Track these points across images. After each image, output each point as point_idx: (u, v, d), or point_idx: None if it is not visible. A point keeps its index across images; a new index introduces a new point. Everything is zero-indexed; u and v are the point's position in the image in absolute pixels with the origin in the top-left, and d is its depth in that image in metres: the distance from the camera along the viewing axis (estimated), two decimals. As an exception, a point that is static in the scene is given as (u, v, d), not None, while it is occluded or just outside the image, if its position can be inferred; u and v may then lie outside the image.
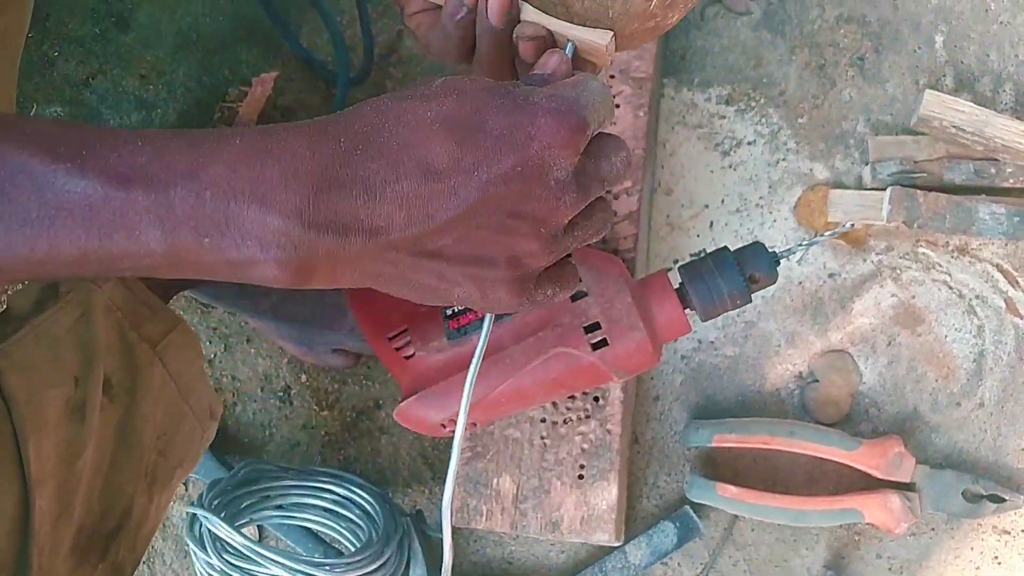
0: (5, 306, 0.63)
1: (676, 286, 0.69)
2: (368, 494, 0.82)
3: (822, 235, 0.73)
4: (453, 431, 0.73)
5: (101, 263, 0.42)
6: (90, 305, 0.65)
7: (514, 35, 0.52)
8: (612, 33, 0.53)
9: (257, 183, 0.41)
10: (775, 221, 0.88)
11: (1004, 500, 0.82)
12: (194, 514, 0.74)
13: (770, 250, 0.68)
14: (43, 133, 0.42)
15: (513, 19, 0.52)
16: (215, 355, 0.92)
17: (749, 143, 0.89)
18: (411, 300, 0.49)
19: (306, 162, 0.42)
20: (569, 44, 0.53)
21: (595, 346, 0.68)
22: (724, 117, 0.90)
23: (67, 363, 0.61)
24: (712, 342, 0.88)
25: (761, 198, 0.89)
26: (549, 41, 0.53)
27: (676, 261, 0.89)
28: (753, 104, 0.90)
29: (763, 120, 0.89)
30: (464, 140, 0.43)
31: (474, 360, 0.60)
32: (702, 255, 0.87)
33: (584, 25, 0.53)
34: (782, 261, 0.68)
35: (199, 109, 0.91)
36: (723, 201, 0.89)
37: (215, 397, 0.76)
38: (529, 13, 0.53)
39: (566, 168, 0.45)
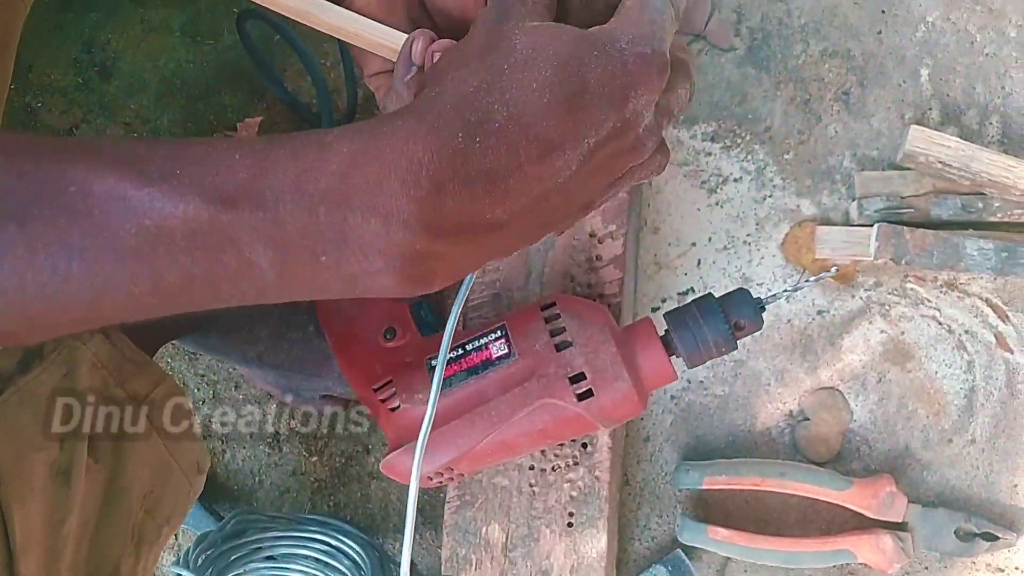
0: None
1: (662, 333, 0.69)
2: (357, 543, 0.81)
3: (807, 280, 0.72)
4: (441, 482, 0.73)
5: (208, 292, 0.39)
6: (75, 363, 0.65)
7: None
8: None
9: (373, 192, 0.38)
10: (763, 258, 0.88)
11: (997, 538, 0.81)
12: (179, 574, 0.74)
13: (755, 297, 0.67)
14: (130, 153, 0.39)
15: None
16: (203, 402, 0.91)
17: (735, 180, 0.89)
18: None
19: (423, 164, 0.39)
20: None
21: (580, 396, 0.68)
22: (710, 154, 0.90)
23: (52, 425, 0.60)
24: (701, 381, 0.87)
25: (748, 235, 0.88)
26: None
27: (664, 300, 0.88)
28: (739, 141, 0.89)
29: (749, 157, 0.89)
30: (573, 105, 0.41)
31: (428, 410, 0.61)
32: (688, 299, 0.87)
33: None
34: (767, 307, 0.67)
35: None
36: (710, 239, 0.89)
37: (203, 450, 0.75)
38: None
39: (651, 111, 0.44)
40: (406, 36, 0.51)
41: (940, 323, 0.86)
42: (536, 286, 0.79)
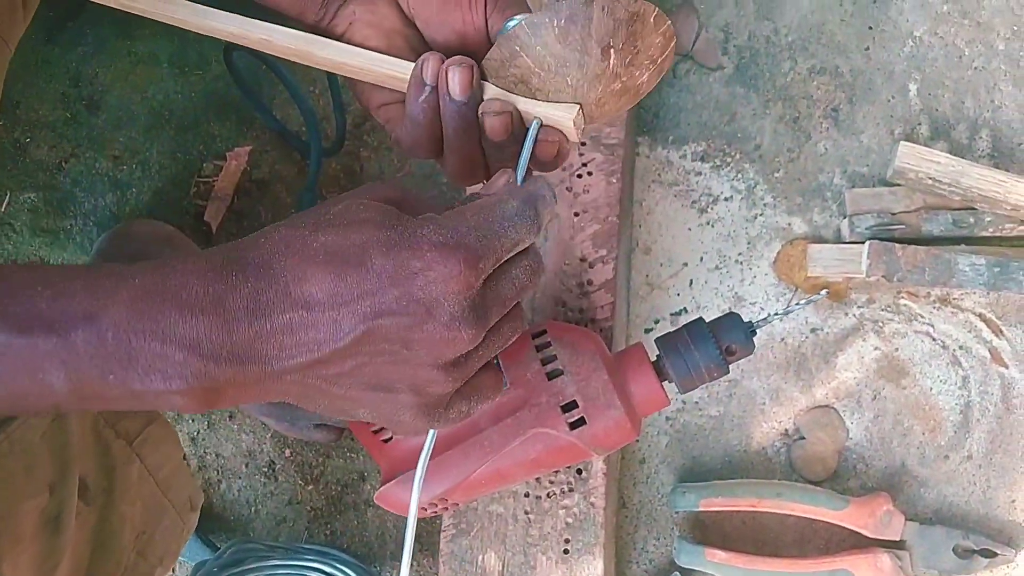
0: None
1: (653, 358, 0.69)
2: (354, 572, 0.81)
3: (797, 302, 0.72)
4: (436, 512, 0.72)
5: (5, 404, 0.42)
6: None
7: (479, 113, 0.52)
8: (578, 106, 0.52)
9: (156, 320, 0.42)
10: (755, 277, 0.88)
11: (996, 555, 0.81)
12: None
13: (746, 320, 0.67)
14: None
15: (476, 96, 0.52)
16: (198, 432, 0.91)
17: (726, 199, 0.89)
18: (323, 415, 0.48)
19: (201, 298, 0.42)
20: (535, 121, 0.52)
21: (573, 425, 0.67)
22: (700, 174, 0.90)
23: (42, 471, 0.60)
24: (696, 402, 0.87)
25: (740, 254, 0.88)
26: (516, 118, 0.52)
27: (657, 321, 0.88)
28: (729, 160, 0.89)
29: (739, 175, 0.89)
30: (343, 273, 0.43)
31: (424, 449, 0.60)
32: (681, 320, 0.87)
33: (548, 100, 0.52)
34: (758, 331, 0.67)
35: (174, 186, 0.91)
36: (702, 258, 0.88)
37: (196, 487, 0.75)
38: (491, 92, 0.52)
39: (459, 303, 0.44)
40: (413, 64, 0.51)
41: (934, 339, 0.86)
42: (527, 313, 0.79)
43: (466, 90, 0.51)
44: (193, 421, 0.91)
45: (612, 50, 0.50)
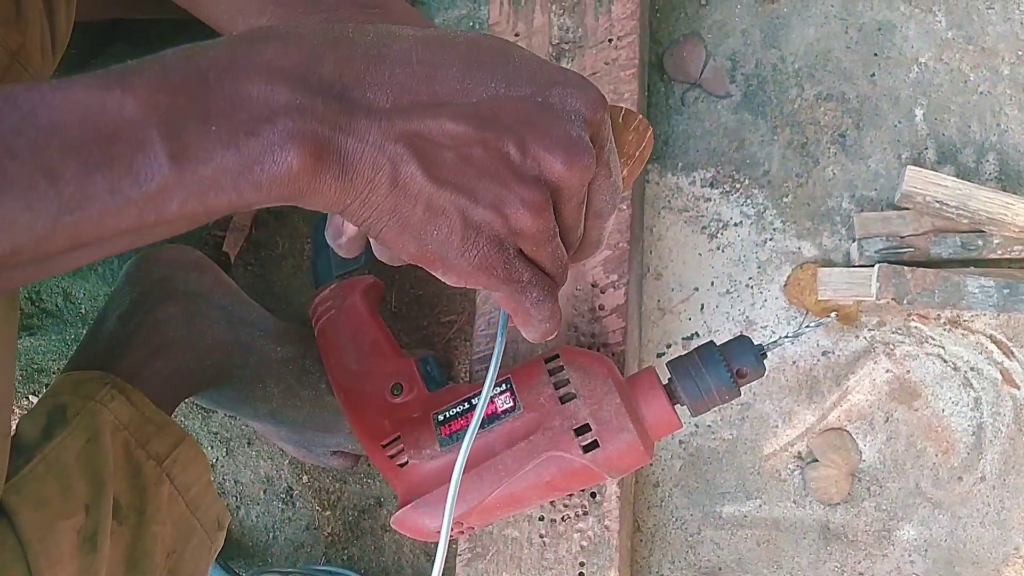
0: (15, 431, 0.64)
1: (665, 381, 0.70)
2: (372, 597, 0.82)
3: (807, 325, 0.73)
4: (451, 536, 0.73)
5: (101, 184, 0.38)
6: (97, 427, 0.66)
7: None
8: None
9: (256, 56, 0.39)
10: (765, 301, 0.89)
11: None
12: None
13: (756, 343, 0.68)
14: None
15: None
16: (217, 459, 0.93)
17: (736, 224, 0.90)
18: (390, 238, 0.45)
19: (307, 38, 0.40)
20: None
21: (586, 448, 0.68)
22: (709, 200, 0.91)
23: (78, 491, 0.62)
24: (709, 425, 0.88)
25: (750, 279, 0.89)
26: None
27: (669, 346, 0.89)
28: (738, 186, 0.91)
29: (748, 201, 0.90)
30: (479, 49, 0.41)
31: (457, 465, 0.60)
32: (693, 344, 0.88)
33: None
34: (769, 354, 0.68)
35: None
36: (713, 283, 0.90)
37: (222, 507, 0.76)
38: None
39: (586, 130, 0.42)
40: None
41: (945, 361, 0.86)
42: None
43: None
44: (212, 448, 0.92)
45: None
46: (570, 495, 0.78)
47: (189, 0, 0.59)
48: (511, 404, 0.70)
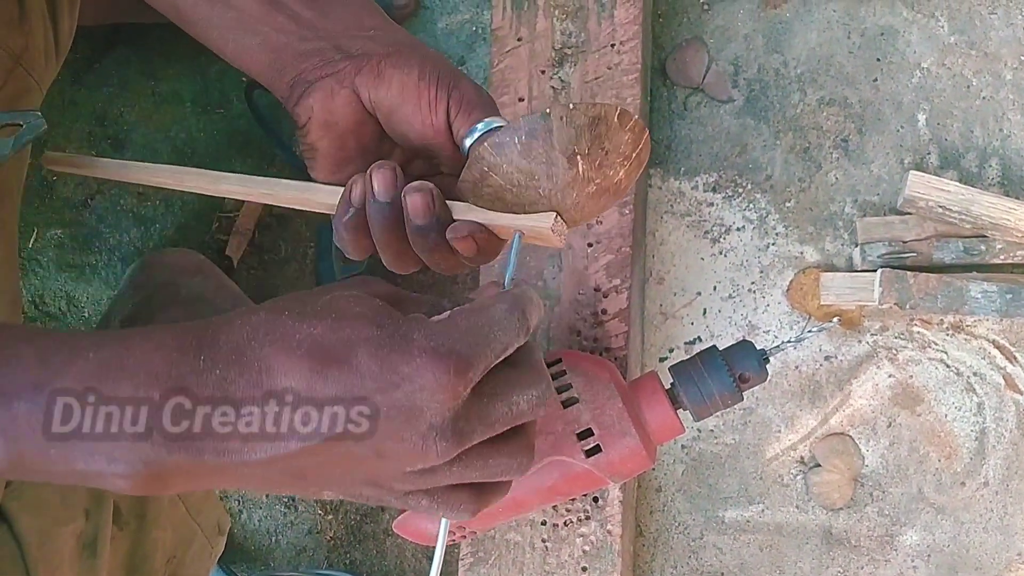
0: None
1: (668, 386, 0.69)
2: (374, 602, 0.82)
3: (810, 329, 0.73)
4: (454, 540, 0.73)
5: None
6: None
7: (447, 236, 0.51)
8: (554, 214, 0.51)
9: (107, 399, 0.39)
10: (768, 306, 0.89)
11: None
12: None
13: (759, 348, 0.68)
14: None
15: (442, 219, 0.51)
16: (220, 463, 0.93)
17: (738, 229, 0.90)
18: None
19: (161, 380, 0.40)
20: (516, 235, 0.52)
21: (588, 453, 0.68)
22: (712, 204, 0.91)
23: (78, 497, 0.62)
24: (712, 430, 0.88)
25: (753, 283, 0.89)
26: (484, 232, 0.51)
27: (672, 350, 0.89)
28: (740, 190, 0.91)
29: (751, 206, 0.90)
30: (324, 369, 0.40)
31: None
32: (696, 349, 0.88)
33: (525, 212, 0.51)
34: (771, 359, 0.68)
35: (197, 221, 0.93)
36: (715, 288, 0.90)
37: (223, 512, 0.76)
38: (460, 211, 0.52)
39: (442, 413, 0.41)
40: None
41: (948, 366, 0.86)
42: (542, 342, 0.80)
43: (427, 214, 0.50)
44: (214, 452, 0.93)
45: (579, 156, 0.50)
46: (572, 499, 0.78)
47: (183, 21, 0.58)
48: (513, 408, 0.70)
